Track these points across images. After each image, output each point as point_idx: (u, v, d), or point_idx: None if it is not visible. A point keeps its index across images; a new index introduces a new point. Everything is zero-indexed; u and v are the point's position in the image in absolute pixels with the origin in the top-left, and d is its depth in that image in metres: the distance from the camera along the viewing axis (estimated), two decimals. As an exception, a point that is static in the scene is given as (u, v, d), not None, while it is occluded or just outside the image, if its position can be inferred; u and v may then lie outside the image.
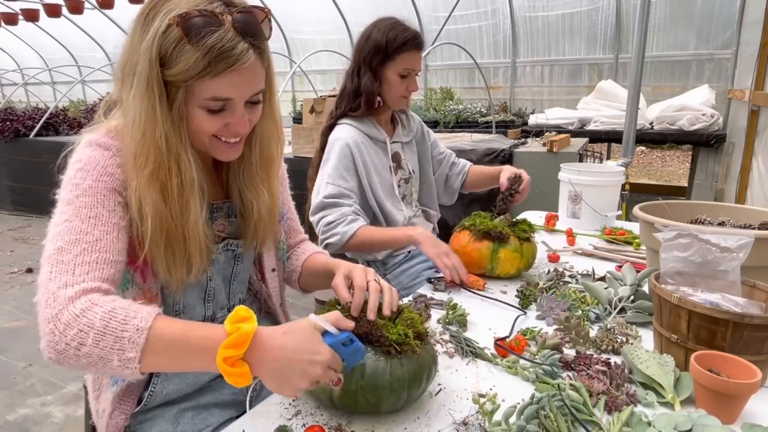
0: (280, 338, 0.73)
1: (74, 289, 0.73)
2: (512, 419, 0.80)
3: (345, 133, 1.67)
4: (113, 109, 0.92)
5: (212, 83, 0.81)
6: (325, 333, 0.77)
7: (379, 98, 1.69)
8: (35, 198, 5.88)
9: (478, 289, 1.41)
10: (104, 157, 0.86)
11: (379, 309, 0.90)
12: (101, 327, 0.71)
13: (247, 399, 0.85)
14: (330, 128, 1.74)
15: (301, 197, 1.79)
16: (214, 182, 1.02)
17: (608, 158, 6.02)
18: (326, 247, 1.61)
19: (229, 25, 0.79)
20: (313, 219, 1.65)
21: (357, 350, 0.80)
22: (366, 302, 0.88)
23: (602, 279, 1.40)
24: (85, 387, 1.10)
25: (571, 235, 1.87)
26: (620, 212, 2.22)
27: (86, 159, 0.85)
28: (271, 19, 0.89)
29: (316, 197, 1.64)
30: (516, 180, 1.64)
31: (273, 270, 1.17)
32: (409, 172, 1.84)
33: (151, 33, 0.79)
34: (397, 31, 1.62)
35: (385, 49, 1.62)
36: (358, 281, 0.90)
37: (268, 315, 1.24)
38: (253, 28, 0.82)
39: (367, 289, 0.90)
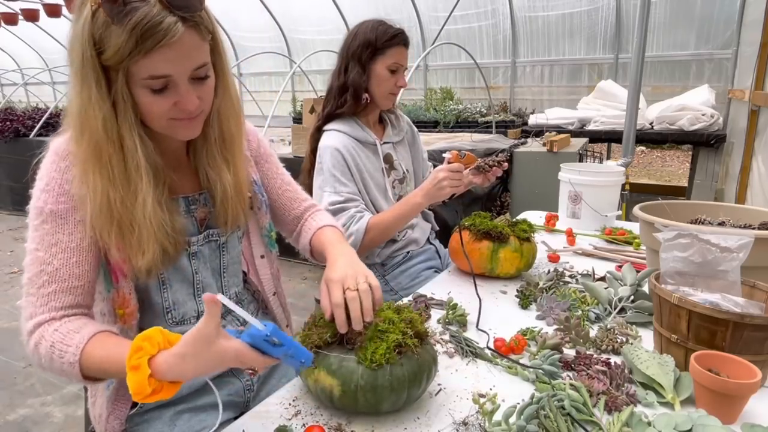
0: (180, 366, 0.70)
1: (32, 322, 0.85)
2: (512, 419, 0.80)
3: (333, 139, 1.64)
4: None
5: (146, 62, 0.79)
6: (247, 325, 0.74)
7: (366, 95, 1.67)
8: (35, 198, 5.87)
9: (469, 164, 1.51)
10: (60, 171, 0.87)
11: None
12: (48, 360, 0.83)
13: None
14: (318, 130, 1.73)
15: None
16: (189, 175, 1.02)
17: (608, 158, 6.02)
18: None
19: (155, 1, 0.77)
20: None
21: (292, 357, 0.75)
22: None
23: (602, 279, 1.40)
24: (85, 388, 1.10)
25: (571, 235, 1.87)
26: (620, 212, 2.22)
27: (47, 178, 0.88)
28: None
29: None
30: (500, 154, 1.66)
31: (262, 257, 1.16)
32: (403, 173, 1.82)
33: (82, 20, 0.79)
34: (386, 26, 1.64)
35: (375, 43, 1.62)
36: (334, 299, 0.89)
37: (267, 315, 1.23)
38: (181, 1, 0.79)
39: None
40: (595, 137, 5.22)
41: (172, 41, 0.78)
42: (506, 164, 1.62)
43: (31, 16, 7.69)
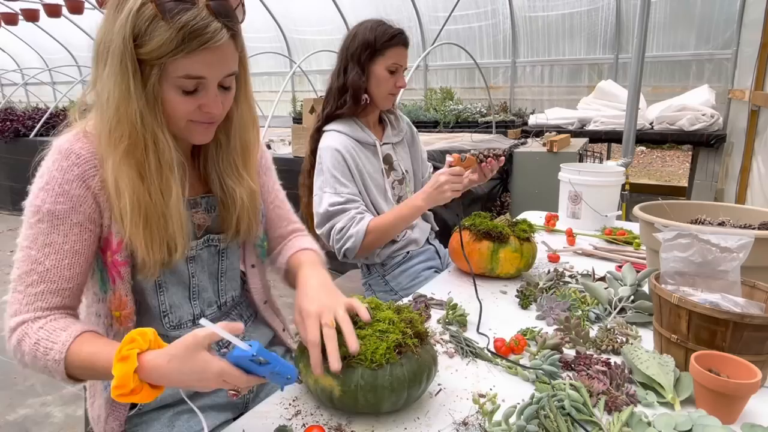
0: (164, 367, 0.72)
1: (16, 320, 0.85)
2: (512, 419, 0.80)
3: (333, 140, 1.64)
4: (86, 111, 0.92)
5: (185, 61, 0.81)
6: (230, 346, 0.73)
7: (365, 96, 1.67)
8: (35, 198, 5.87)
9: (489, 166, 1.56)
10: (61, 171, 0.86)
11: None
12: (31, 357, 0.83)
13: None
14: (318, 131, 1.72)
15: (294, 196, 1.78)
16: (193, 177, 1.01)
17: (608, 158, 6.03)
18: (345, 254, 1.60)
19: (202, 5, 0.80)
20: (321, 231, 1.63)
21: (278, 374, 0.75)
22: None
23: (602, 279, 1.40)
24: (84, 388, 1.10)
25: (571, 235, 1.87)
26: (620, 212, 2.23)
27: (47, 176, 0.87)
28: (245, 4, 0.89)
29: (318, 208, 1.62)
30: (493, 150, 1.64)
31: (253, 266, 1.15)
32: (403, 173, 1.82)
33: (125, 12, 0.79)
34: (385, 27, 1.64)
35: (374, 44, 1.62)
36: (310, 337, 0.84)
37: (260, 321, 1.21)
38: (226, 10, 0.83)
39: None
40: (595, 137, 5.22)
41: (215, 45, 0.81)
42: (503, 159, 1.61)
43: (31, 16, 7.70)
